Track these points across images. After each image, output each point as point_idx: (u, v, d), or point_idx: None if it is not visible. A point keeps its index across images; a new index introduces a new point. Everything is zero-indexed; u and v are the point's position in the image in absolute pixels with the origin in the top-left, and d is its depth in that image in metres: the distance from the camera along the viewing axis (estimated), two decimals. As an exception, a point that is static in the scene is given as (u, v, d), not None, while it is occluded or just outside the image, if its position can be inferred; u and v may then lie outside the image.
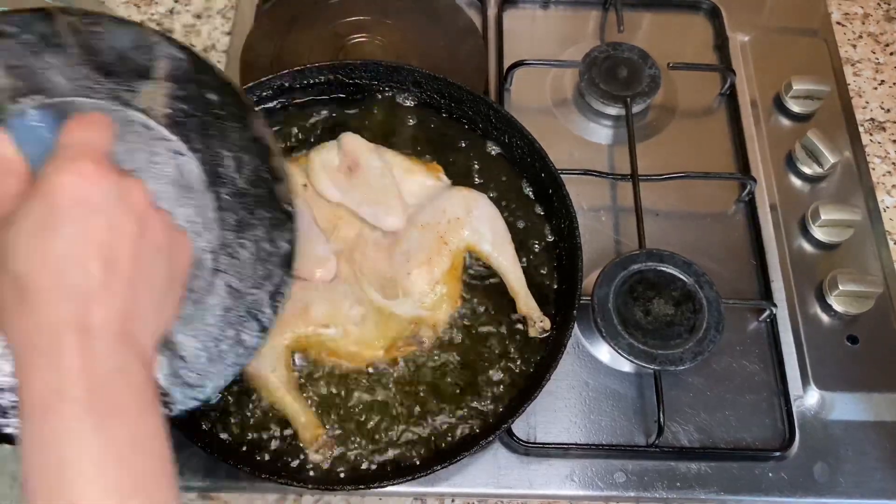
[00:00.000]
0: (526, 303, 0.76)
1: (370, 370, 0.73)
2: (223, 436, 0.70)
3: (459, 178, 0.83)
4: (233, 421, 0.70)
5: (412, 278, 0.75)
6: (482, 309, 0.77)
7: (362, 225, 0.78)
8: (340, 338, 0.73)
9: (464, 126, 0.86)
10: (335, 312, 0.73)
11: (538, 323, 0.75)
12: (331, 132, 0.84)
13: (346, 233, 0.78)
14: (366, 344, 0.73)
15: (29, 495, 0.42)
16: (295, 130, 0.85)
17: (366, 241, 0.78)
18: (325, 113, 0.86)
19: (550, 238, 0.81)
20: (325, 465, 0.69)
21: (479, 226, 0.78)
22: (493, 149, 0.85)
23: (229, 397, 0.71)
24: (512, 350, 0.75)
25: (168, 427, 0.47)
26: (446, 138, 0.85)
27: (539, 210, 0.82)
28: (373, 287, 0.76)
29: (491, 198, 0.80)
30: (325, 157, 0.81)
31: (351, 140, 0.81)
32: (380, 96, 0.87)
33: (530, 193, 0.83)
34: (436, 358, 0.74)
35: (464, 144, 0.85)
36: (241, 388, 0.72)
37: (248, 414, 0.71)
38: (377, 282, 0.76)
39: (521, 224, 0.81)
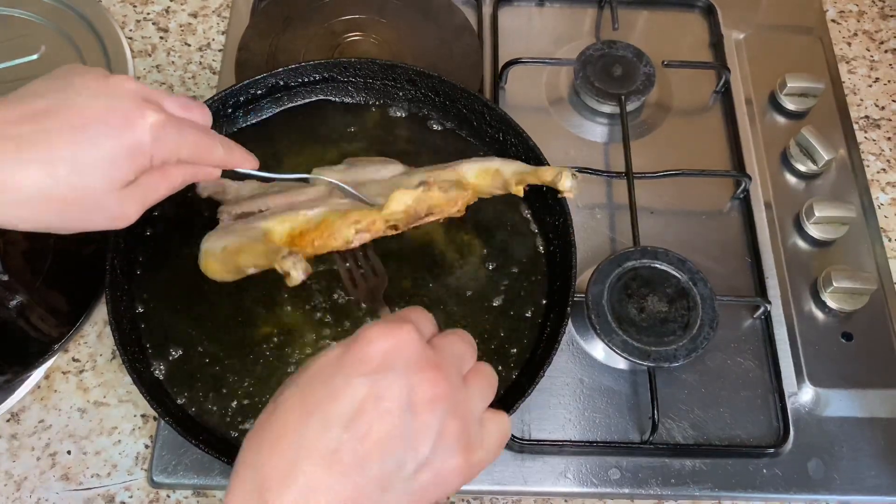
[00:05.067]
0: (538, 175, 0.72)
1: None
2: (219, 433, 0.70)
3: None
4: (229, 419, 0.71)
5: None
6: (477, 306, 0.77)
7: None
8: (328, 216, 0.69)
9: (459, 126, 0.86)
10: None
11: (564, 178, 0.70)
12: (327, 131, 0.84)
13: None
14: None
15: None
16: (291, 130, 0.85)
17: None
18: (320, 112, 0.86)
19: (544, 235, 0.81)
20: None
21: (463, 170, 0.75)
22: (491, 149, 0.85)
23: (226, 396, 0.72)
24: (506, 347, 0.75)
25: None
26: (442, 138, 0.86)
27: (534, 207, 0.82)
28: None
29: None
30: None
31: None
32: (374, 95, 0.87)
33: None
34: (430, 355, 0.74)
35: (460, 145, 0.85)
36: (240, 388, 0.72)
37: (246, 412, 0.71)
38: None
39: (514, 221, 0.81)
